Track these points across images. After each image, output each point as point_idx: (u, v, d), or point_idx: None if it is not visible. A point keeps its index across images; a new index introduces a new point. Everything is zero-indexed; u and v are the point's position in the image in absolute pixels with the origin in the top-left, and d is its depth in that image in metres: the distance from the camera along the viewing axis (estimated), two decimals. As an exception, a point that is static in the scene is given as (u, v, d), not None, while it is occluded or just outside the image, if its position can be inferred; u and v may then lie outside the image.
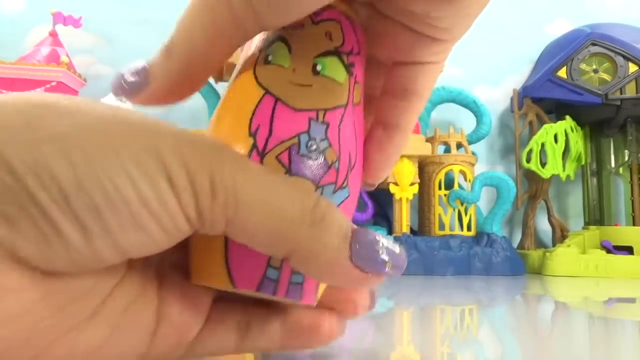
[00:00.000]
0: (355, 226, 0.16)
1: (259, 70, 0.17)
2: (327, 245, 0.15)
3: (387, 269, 0.15)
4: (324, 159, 0.17)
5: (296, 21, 0.16)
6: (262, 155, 0.16)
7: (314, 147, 0.17)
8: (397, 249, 0.16)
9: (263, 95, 0.17)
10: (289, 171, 0.16)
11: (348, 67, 0.18)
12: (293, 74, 0.17)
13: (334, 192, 0.17)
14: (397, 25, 0.17)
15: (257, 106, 0.17)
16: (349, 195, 0.18)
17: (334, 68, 0.18)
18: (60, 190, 0.12)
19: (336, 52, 0.18)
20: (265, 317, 0.19)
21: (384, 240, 0.16)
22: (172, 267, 0.18)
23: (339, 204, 0.17)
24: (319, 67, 0.17)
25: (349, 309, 0.20)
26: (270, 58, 0.17)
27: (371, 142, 0.20)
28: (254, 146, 0.16)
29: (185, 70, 0.16)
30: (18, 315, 0.13)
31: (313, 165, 0.17)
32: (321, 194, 0.17)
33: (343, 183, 0.17)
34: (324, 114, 0.17)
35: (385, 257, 0.15)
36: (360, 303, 0.20)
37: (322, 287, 0.19)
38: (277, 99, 0.17)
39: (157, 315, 0.17)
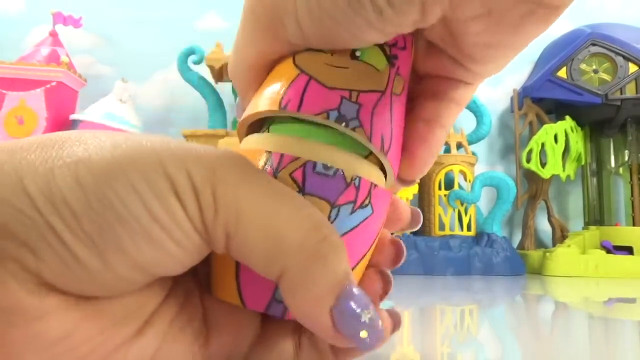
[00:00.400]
0: (352, 278, 0.15)
1: (298, 55, 0.17)
2: (316, 284, 0.14)
3: (362, 337, 0.15)
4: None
5: None
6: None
7: (343, 124, 0.16)
8: (378, 324, 0.15)
9: (297, 75, 0.17)
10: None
11: (390, 58, 0.18)
12: (331, 57, 0.17)
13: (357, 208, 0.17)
14: (440, 50, 0.17)
15: (290, 84, 0.17)
16: (372, 213, 0.17)
17: (373, 55, 0.17)
18: (72, 213, 0.13)
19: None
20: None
21: (371, 313, 0.15)
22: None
23: (361, 221, 0.17)
24: (357, 53, 0.17)
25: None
26: None
27: (413, 136, 0.19)
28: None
29: (247, 84, 0.18)
30: (62, 337, 0.13)
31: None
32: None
33: (365, 200, 0.17)
34: (358, 95, 0.17)
35: (364, 328, 0.15)
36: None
37: None
38: (310, 77, 0.17)
39: (205, 323, 0.17)
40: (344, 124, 0.16)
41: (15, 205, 0.13)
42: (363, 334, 0.15)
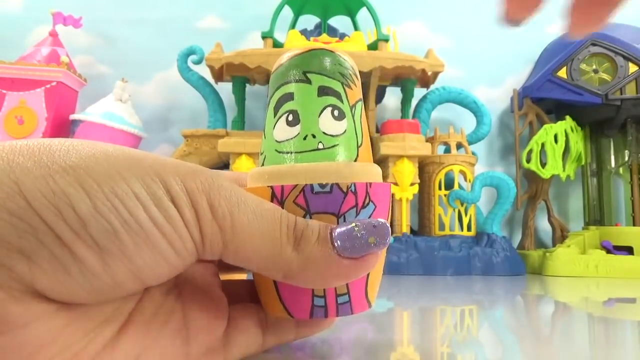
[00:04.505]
0: (332, 225, 0.17)
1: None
2: (313, 257, 0.16)
3: (373, 247, 0.16)
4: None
5: None
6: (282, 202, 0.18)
7: (320, 143, 0.18)
8: (375, 222, 0.17)
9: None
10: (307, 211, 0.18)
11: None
12: None
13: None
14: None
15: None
16: (375, 208, 0.19)
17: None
18: (77, 218, 0.13)
19: None
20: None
21: (360, 223, 0.17)
22: (190, 278, 0.19)
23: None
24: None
25: None
26: None
27: None
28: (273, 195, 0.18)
29: None
30: (47, 344, 0.13)
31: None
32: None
33: (365, 200, 0.19)
34: None
35: (367, 239, 0.16)
36: None
37: (374, 290, 0.20)
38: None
39: (184, 321, 0.17)
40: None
41: (9, 209, 0.12)
42: (372, 242, 0.16)
